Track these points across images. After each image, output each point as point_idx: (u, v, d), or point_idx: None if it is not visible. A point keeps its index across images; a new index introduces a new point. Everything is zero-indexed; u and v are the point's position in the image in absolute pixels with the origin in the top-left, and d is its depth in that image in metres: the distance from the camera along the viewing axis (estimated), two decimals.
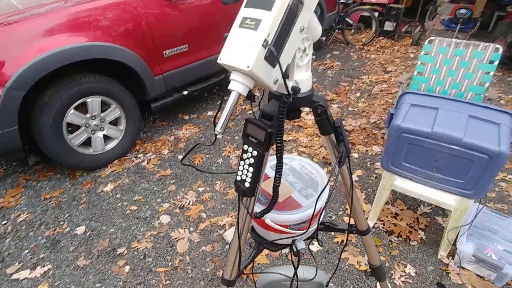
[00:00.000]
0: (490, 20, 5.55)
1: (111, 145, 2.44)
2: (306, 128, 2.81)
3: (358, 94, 3.41)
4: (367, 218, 1.84)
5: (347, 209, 1.93)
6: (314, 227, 0.77)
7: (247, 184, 0.61)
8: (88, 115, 2.25)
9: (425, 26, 5.32)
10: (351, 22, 4.95)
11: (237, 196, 2.05)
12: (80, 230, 1.87)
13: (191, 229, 1.84)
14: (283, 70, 0.53)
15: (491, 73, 2.14)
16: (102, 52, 2.15)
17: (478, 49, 2.15)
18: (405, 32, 5.38)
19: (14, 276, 1.59)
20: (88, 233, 1.85)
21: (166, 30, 2.45)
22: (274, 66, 0.51)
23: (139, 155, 2.56)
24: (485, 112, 1.43)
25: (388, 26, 5.11)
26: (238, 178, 0.63)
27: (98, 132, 2.34)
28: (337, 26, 4.98)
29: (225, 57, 0.53)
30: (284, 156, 0.89)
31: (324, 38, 4.93)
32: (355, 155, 2.43)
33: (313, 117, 2.94)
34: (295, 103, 0.62)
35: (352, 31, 5.18)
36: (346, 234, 0.79)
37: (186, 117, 3.13)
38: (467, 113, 1.42)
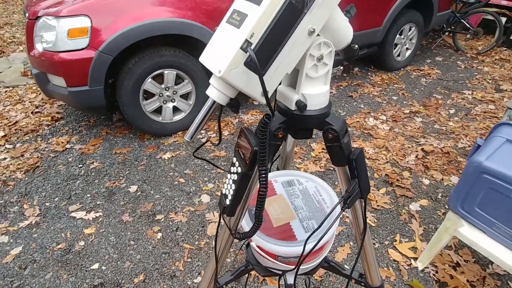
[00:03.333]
0: None
1: (178, 116, 2.59)
2: (376, 138, 2.52)
3: (452, 111, 2.91)
4: (416, 259, 1.58)
5: (395, 240, 1.69)
6: (311, 264, 0.66)
7: (227, 202, 0.54)
8: (163, 86, 2.41)
9: None
10: (468, 25, 4.19)
11: None
12: (133, 188, 2.05)
13: None
14: (278, 82, 0.43)
15: None
16: (187, 29, 2.26)
17: None
18: None
19: (72, 214, 1.85)
20: (138, 193, 2.02)
21: None
22: (261, 75, 0.41)
23: (201, 132, 2.66)
24: None
25: None
26: (223, 191, 0.56)
27: (169, 103, 2.50)
28: (449, 28, 4.28)
29: (204, 56, 0.45)
30: (302, 173, 0.78)
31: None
32: (425, 181, 2.09)
33: (387, 127, 2.62)
34: (301, 122, 0.51)
35: (467, 36, 4.39)
36: (350, 282, 0.66)
37: (256, 103, 3.13)
38: None
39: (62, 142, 2.52)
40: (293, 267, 0.62)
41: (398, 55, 3.69)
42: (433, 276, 1.51)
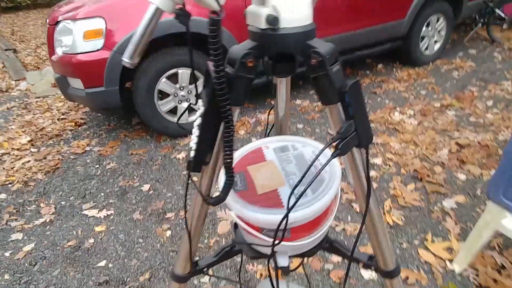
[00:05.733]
0: None
1: (194, 117, 2.55)
2: (403, 133, 2.33)
3: (489, 103, 2.64)
4: (452, 261, 1.37)
5: (427, 239, 1.49)
6: (306, 241, 0.54)
7: (192, 153, 0.44)
8: (177, 85, 2.39)
9: None
10: (502, 15, 3.87)
11: None
12: (146, 187, 2.01)
13: None
14: None
15: None
16: (201, 27, 2.23)
17: None
18: None
19: (85, 212, 1.83)
20: (150, 192, 1.97)
21: None
22: None
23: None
24: None
25: None
26: (190, 144, 0.47)
27: (184, 103, 2.47)
28: (482, 20, 3.97)
29: None
30: (299, 138, 0.67)
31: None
32: (461, 177, 1.86)
33: (415, 121, 2.42)
34: (275, 44, 0.41)
35: (504, 26, 4.05)
36: (351, 265, 0.53)
37: (273, 102, 3.04)
38: None
39: (83, 145, 2.57)
40: (286, 242, 0.51)
41: (426, 49, 3.46)
42: (473, 280, 1.29)
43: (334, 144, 0.42)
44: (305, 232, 0.52)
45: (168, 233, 1.66)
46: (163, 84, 2.33)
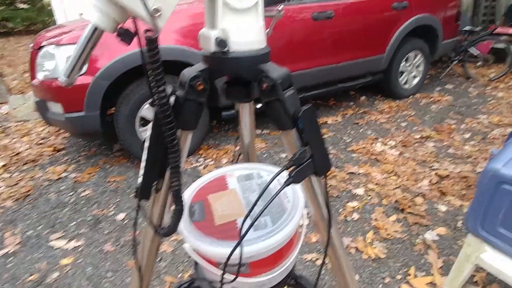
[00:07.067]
0: None
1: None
2: (384, 164, 2.34)
3: (467, 136, 2.71)
4: None
5: (409, 274, 1.45)
6: (268, 276, 0.50)
7: (139, 179, 0.41)
8: None
9: None
10: (476, 53, 4.11)
11: None
12: (120, 216, 1.92)
13: None
14: None
15: None
16: (184, 56, 2.27)
17: None
18: None
19: (51, 243, 1.72)
20: (125, 221, 1.88)
21: None
22: None
23: (199, 159, 2.57)
24: None
25: None
26: (141, 168, 0.44)
27: None
28: (457, 57, 4.20)
29: None
30: (266, 166, 0.65)
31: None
32: (442, 208, 1.86)
33: (397, 152, 2.45)
34: (225, 68, 0.40)
35: (478, 63, 4.29)
36: None
37: (258, 132, 3.05)
38: None
39: (59, 171, 2.47)
40: (244, 278, 0.47)
41: (405, 83, 3.60)
42: None
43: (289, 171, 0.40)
44: (266, 267, 0.48)
45: None
46: (146, 110, 2.32)
